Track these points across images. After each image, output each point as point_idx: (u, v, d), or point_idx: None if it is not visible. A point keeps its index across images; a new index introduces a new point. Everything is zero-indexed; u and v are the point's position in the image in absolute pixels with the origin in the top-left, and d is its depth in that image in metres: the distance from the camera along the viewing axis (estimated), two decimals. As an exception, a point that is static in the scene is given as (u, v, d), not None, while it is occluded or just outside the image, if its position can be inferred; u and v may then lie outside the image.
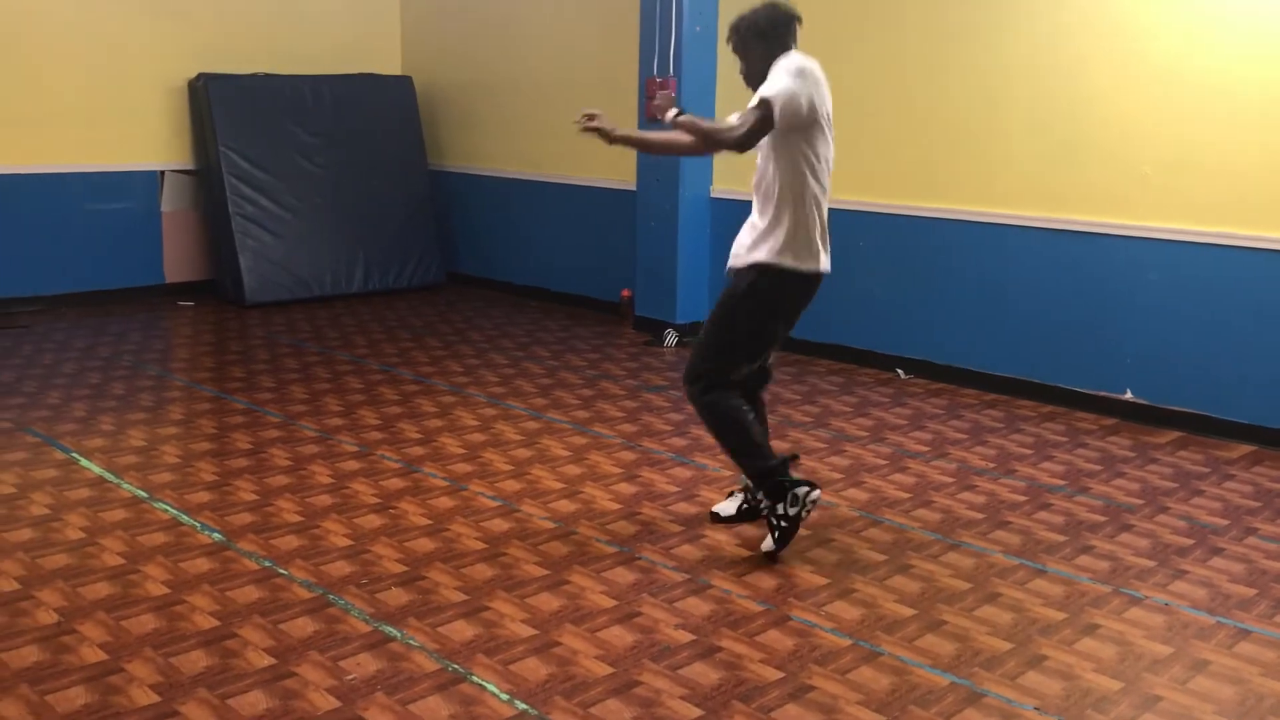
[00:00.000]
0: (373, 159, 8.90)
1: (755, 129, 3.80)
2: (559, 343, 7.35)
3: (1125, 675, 3.24)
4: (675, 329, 7.34)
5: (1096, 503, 4.64)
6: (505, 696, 3.05)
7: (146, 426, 5.42)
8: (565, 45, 8.34)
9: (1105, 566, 4.00)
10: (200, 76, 8.33)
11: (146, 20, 8.26)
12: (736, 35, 4.00)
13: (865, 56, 6.58)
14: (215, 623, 3.44)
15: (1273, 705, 3.11)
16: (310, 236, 8.56)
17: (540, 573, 3.85)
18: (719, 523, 4.31)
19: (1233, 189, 5.36)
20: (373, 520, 4.29)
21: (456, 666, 3.21)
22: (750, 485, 4.26)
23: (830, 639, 3.42)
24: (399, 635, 3.38)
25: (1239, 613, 3.66)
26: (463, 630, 3.42)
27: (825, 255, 3.96)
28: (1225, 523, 4.45)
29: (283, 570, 3.82)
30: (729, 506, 4.35)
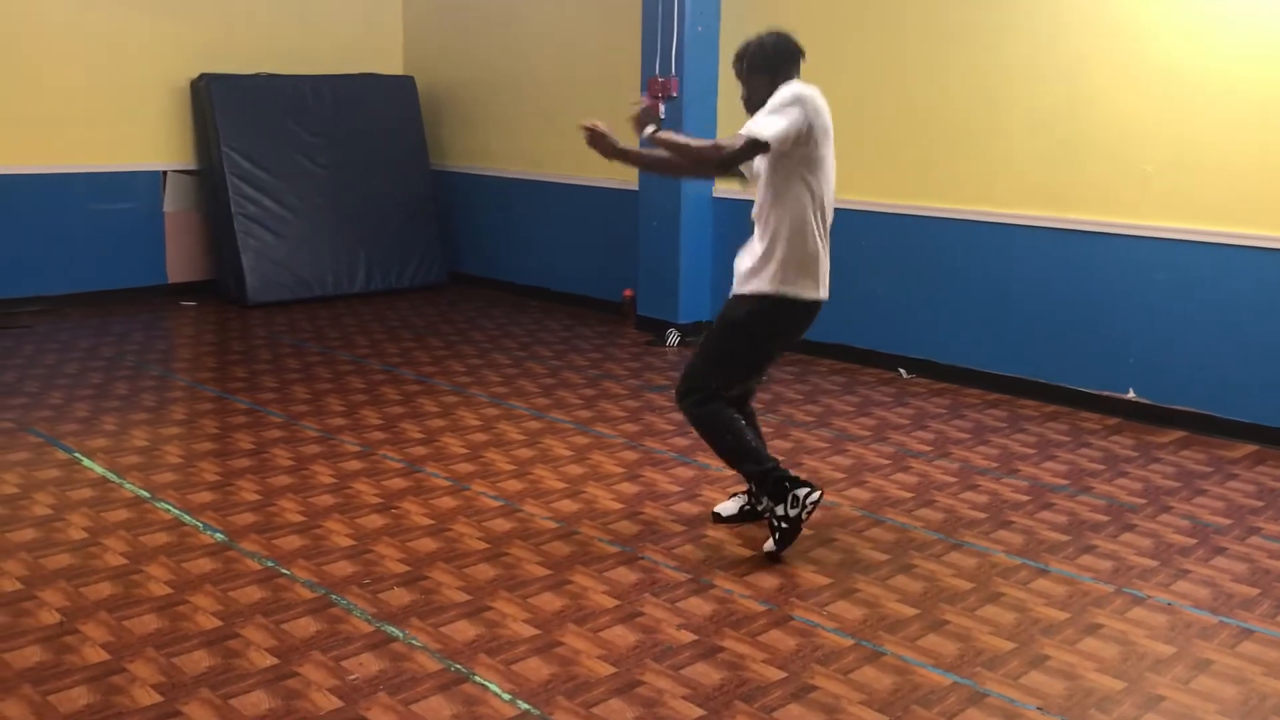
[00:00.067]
0: (375, 159, 8.90)
1: (744, 148, 3.78)
2: (561, 342, 7.35)
3: (1128, 675, 3.24)
4: (677, 329, 7.35)
5: (1099, 502, 4.63)
6: (507, 696, 3.05)
7: (149, 426, 5.42)
8: (567, 45, 8.34)
9: (1108, 566, 4.00)
10: (202, 77, 8.34)
11: (149, 20, 8.27)
12: (742, 61, 3.98)
13: (867, 56, 6.57)
14: (217, 623, 3.44)
15: (1275, 705, 3.10)
16: (312, 236, 8.56)
17: (542, 573, 3.85)
18: (721, 523, 4.31)
19: (1235, 188, 5.36)
20: (375, 520, 4.29)
21: (459, 666, 3.21)
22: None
23: (832, 639, 3.42)
24: (401, 635, 3.38)
25: (1242, 612, 3.66)
26: (465, 630, 3.42)
27: (825, 284, 3.96)
28: (1228, 522, 4.44)
29: (285, 570, 3.82)
30: (730, 507, 4.35)
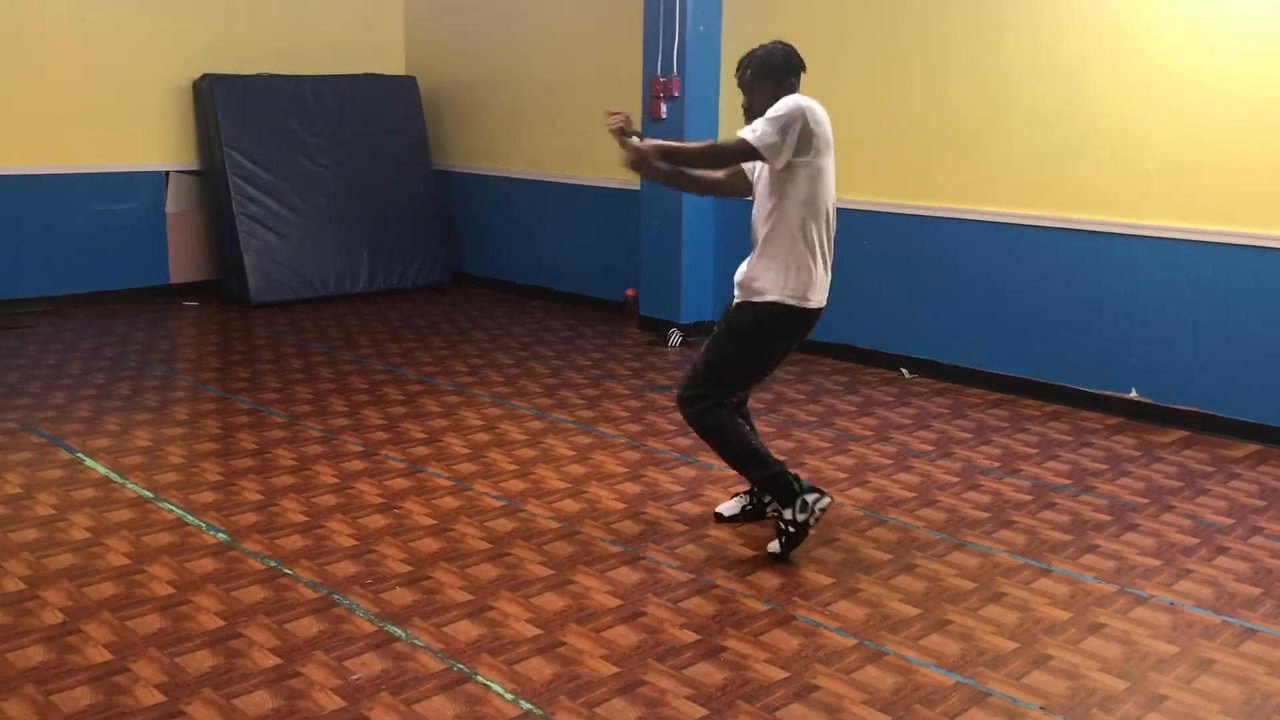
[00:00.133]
0: (377, 159, 8.91)
1: (736, 147, 3.79)
2: (563, 342, 7.35)
3: (1130, 675, 3.24)
4: (679, 329, 7.35)
5: (1101, 502, 4.63)
6: (510, 696, 3.06)
7: (151, 427, 5.42)
8: (569, 45, 8.34)
9: (1110, 566, 4.00)
10: (205, 77, 8.35)
11: (151, 21, 8.27)
12: (747, 70, 3.97)
13: (868, 56, 6.57)
14: (220, 623, 3.44)
15: (1278, 704, 3.10)
16: (314, 236, 8.57)
17: (545, 572, 3.85)
18: (723, 523, 4.31)
19: (1236, 188, 5.35)
20: (377, 520, 4.29)
21: (461, 666, 3.21)
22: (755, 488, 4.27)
23: (835, 638, 3.42)
24: (404, 635, 3.38)
25: (1244, 612, 3.66)
26: (467, 630, 3.42)
27: (825, 291, 3.96)
28: (1230, 522, 4.44)
29: (288, 570, 3.83)
30: (732, 506, 4.36)
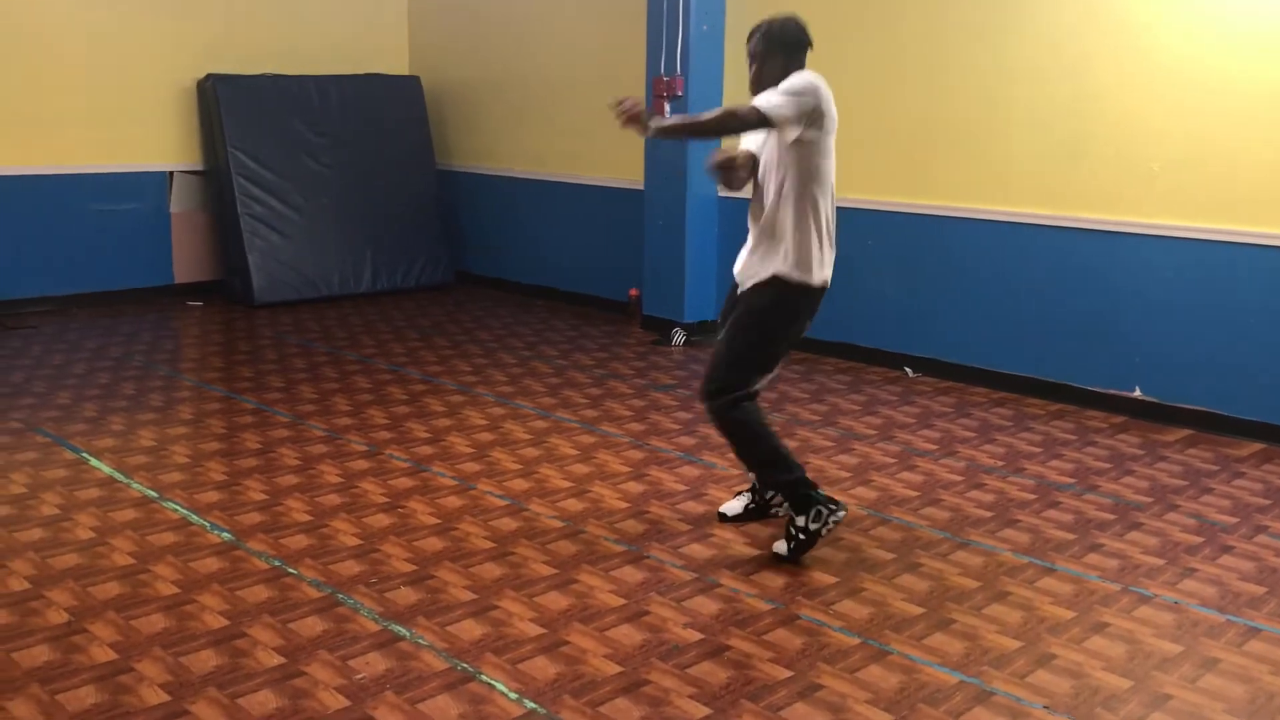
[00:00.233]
0: (380, 159, 8.91)
1: (751, 115, 3.76)
2: (567, 342, 7.35)
3: (1135, 674, 3.24)
4: (683, 328, 7.35)
5: (1105, 501, 4.63)
6: (514, 695, 3.06)
7: (156, 426, 5.43)
8: (572, 44, 8.34)
9: (1114, 565, 3.99)
10: (208, 77, 8.35)
11: (154, 21, 8.28)
12: (759, 38, 3.95)
13: (869, 55, 6.57)
14: (225, 622, 3.45)
15: (1283, 703, 3.10)
16: (318, 236, 8.57)
17: (549, 572, 3.85)
18: (726, 522, 4.31)
19: (1241, 185, 5.35)
20: (381, 519, 4.30)
21: (465, 665, 3.21)
22: (759, 485, 4.27)
23: (839, 638, 3.42)
24: (408, 634, 3.39)
25: (1249, 611, 3.65)
26: (471, 629, 3.43)
27: (831, 268, 3.97)
28: (1235, 520, 4.44)
29: (292, 569, 3.83)
30: (736, 506, 4.35)
